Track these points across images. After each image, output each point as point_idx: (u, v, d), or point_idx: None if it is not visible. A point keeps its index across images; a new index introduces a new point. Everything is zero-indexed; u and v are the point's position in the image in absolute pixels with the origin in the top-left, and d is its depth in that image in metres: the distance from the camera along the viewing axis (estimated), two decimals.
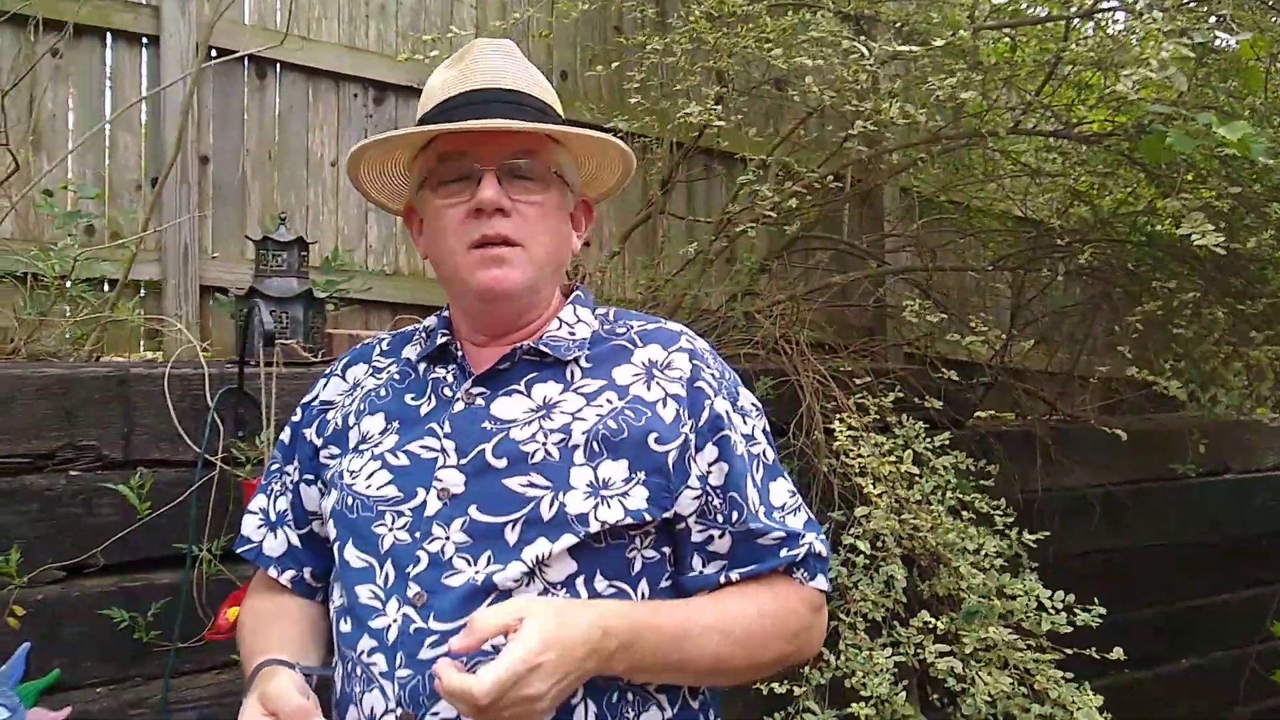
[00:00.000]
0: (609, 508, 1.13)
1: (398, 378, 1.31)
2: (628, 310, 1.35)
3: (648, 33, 3.02)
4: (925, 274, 3.44)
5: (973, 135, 2.99)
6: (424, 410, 1.24)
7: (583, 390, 1.21)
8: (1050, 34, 3.08)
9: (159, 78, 2.73)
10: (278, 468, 1.38)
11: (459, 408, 1.22)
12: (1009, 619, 2.36)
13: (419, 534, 1.16)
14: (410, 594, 1.13)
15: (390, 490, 1.19)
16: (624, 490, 1.14)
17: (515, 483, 1.14)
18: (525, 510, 1.13)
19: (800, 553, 1.19)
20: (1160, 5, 2.35)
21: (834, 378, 2.73)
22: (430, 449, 1.20)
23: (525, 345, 1.23)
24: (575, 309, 1.30)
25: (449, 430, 1.20)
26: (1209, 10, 2.62)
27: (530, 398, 1.21)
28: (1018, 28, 3.10)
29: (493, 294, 1.21)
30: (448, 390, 1.25)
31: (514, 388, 1.22)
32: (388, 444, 1.23)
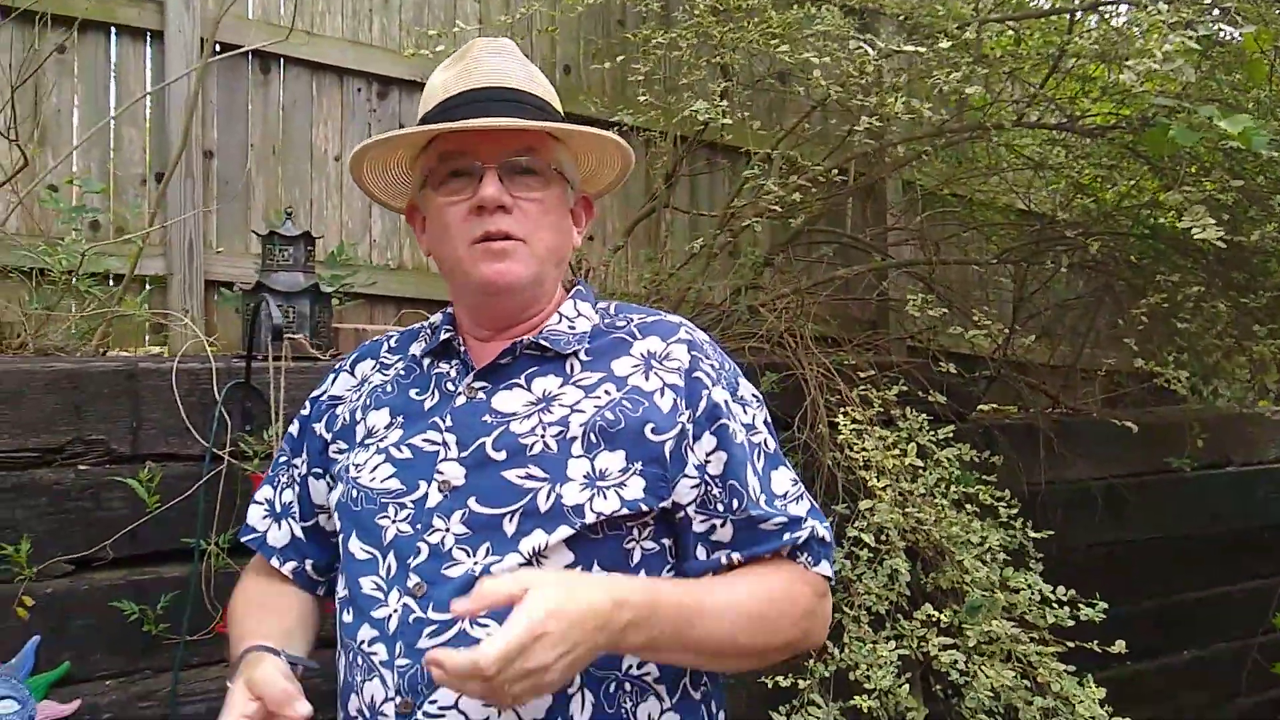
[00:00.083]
0: (605, 499, 1.14)
1: (403, 373, 1.32)
2: (629, 304, 1.35)
3: (652, 27, 3.02)
4: (928, 267, 3.43)
5: (976, 129, 2.99)
6: (427, 405, 1.26)
7: (582, 383, 1.22)
8: (1054, 27, 3.08)
9: (164, 73, 2.73)
10: (285, 460, 1.39)
11: (461, 402, 1.23)
12: (1012, 612, 2.37)
13: (420, 526, 1.17)
14: (410, 584, 1.15)
15: (393, 483, 1.21)
16: (621, 481, 1.15)
17: (514, 475, 1.15)
18: (523, 502, 1.14)
19: (803, 535, 1.19)
20: None
21: (838, 371, 2.73)
22: (432, 442, 1.21)
23: (526, 340, 1.24)
24: (576, 303, 1.31)
25: (450, 424, 1.21)
26: (1213, 3, 2.61)
27: (530, 391, 1.22)
28: (1022, 21, 3.09)
29: (495, 288, 1.22)
30: (450, 385, 1.26)
31: (515, 381, 1.23)
32: (392, 438, 1.24)
